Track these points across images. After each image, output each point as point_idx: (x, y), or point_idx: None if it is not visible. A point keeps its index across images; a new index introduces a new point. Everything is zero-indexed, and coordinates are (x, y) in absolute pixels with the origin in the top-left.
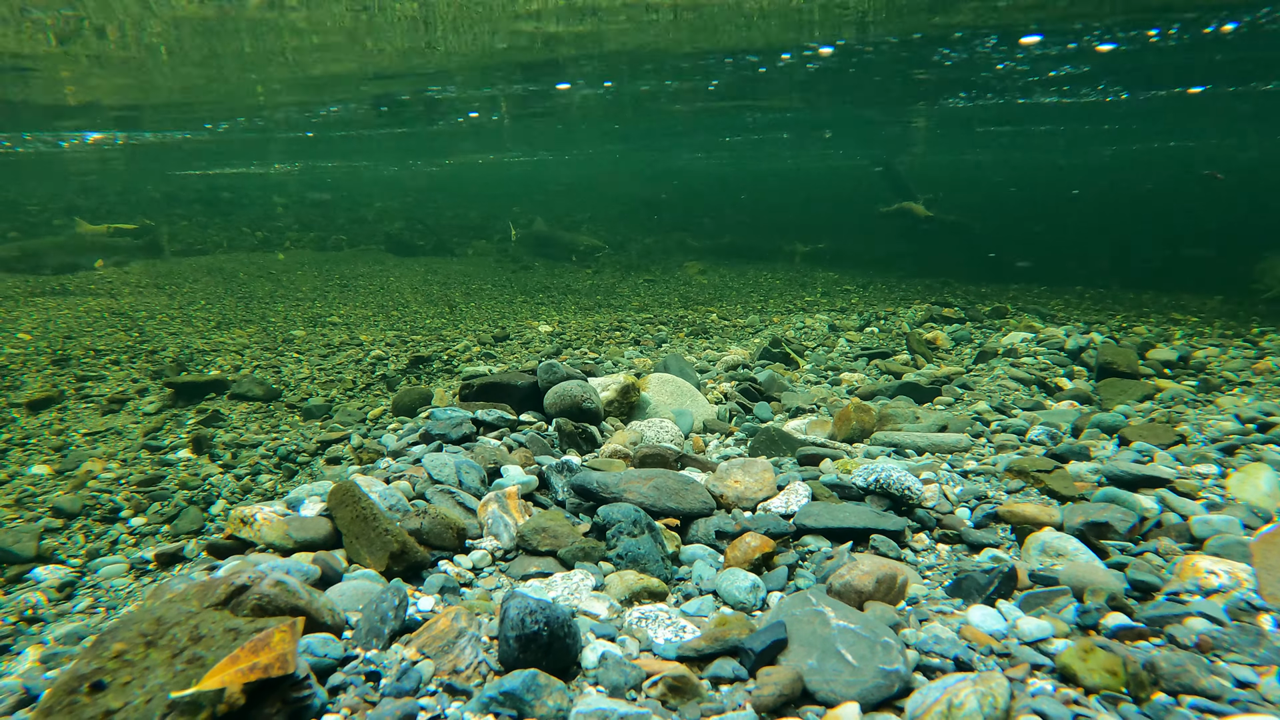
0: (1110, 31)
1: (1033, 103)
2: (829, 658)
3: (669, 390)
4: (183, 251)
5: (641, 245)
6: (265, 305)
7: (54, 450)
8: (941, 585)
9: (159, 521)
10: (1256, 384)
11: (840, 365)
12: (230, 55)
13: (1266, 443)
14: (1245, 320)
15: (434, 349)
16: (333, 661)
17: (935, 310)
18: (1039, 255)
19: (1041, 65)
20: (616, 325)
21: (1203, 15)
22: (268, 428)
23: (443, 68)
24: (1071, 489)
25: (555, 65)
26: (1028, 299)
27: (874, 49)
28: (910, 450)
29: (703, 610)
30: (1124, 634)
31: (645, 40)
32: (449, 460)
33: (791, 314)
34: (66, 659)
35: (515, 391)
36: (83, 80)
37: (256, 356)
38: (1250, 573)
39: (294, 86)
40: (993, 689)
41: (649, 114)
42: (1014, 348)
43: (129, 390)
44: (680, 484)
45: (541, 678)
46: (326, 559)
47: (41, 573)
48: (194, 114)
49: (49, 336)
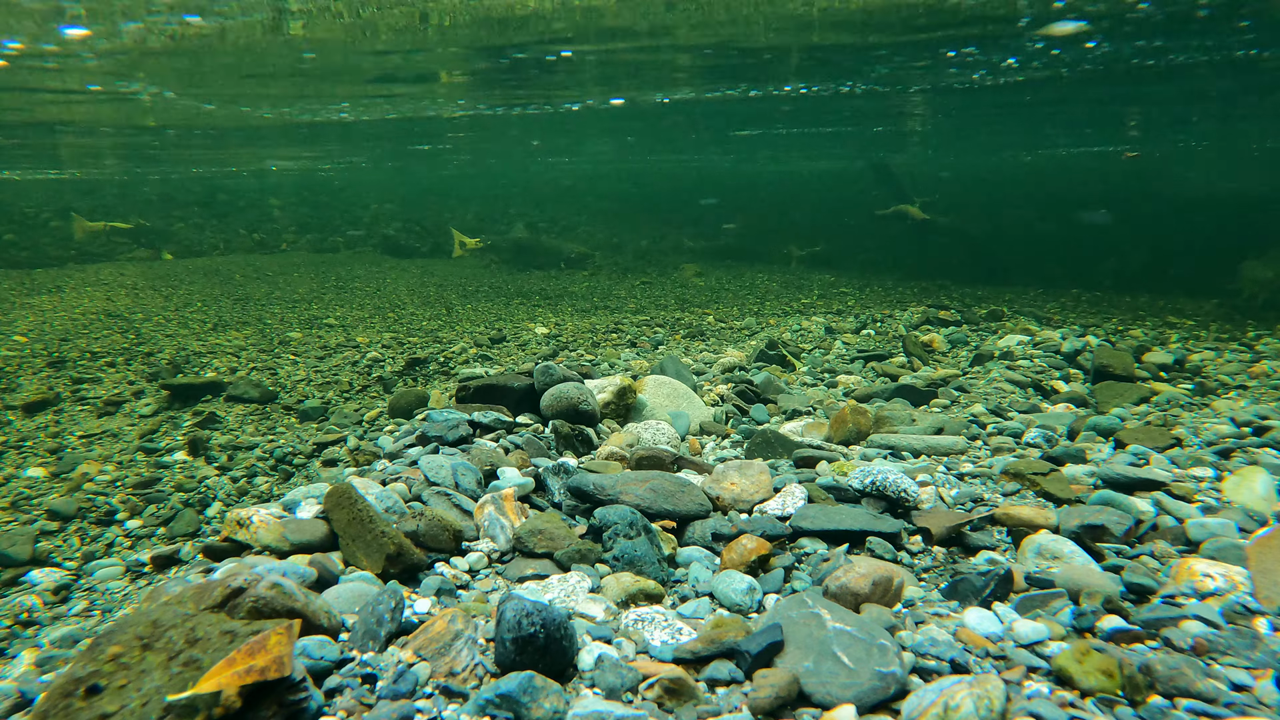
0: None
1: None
2: (825, 660)
3: (665, 392)
4: (190, 252)
5: (637, 247)
6: (262, 307)
7: (50, 453)
8: (937, 588)
9: (155, 524)
10: (1252, 388)
11: (837, 367)
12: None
13: (1262, 446)
14: (1241, 324)
15: (430, 351)
16: (329, 664)
17: (931, 313)
18: (1038, 257)
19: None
20: (613, 327)
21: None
22: (264, 430)
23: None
24: (1067, 492)
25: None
26: (1024, 302)
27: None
28: (906, 453)
29: (699, 612)
30: (1120, 637)
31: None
32: (445, 462)
33: (788, 316)
34: (62, 662)
35: (512, 393)
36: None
37: (253, 358)
38: (1246, 576)
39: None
40: (988, 691)
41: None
42: (1010, 350)
43: (125, 392)
44: (677, 486)
45: (538, 680)
46: (323, 561)
47: (37, 575)
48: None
49: (45, 339)
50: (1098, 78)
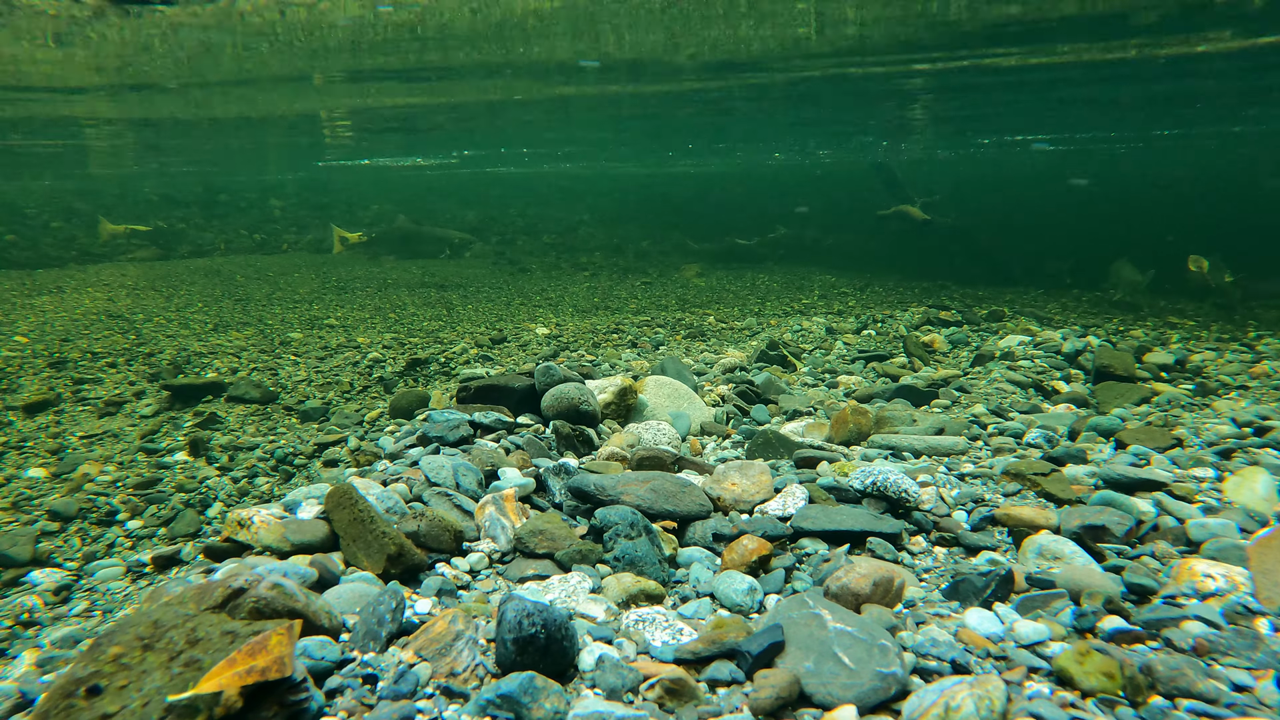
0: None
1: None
2: (826, 660)
3: (666, 393)
4: (194, 252)
5: (637, 248)
6: (262, 307)
7: (50, 453)
8: (938, 588)
9: (156, 524)
10: (1253, 388)
11: (837, 368)
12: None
13: (1263, 447)
14: (1242, 324)
15: (431, 351)
16: (330, 664)
17: (932, 313)
18: (1036, 258)
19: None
20: (614, 328)
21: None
22: (265, 430)
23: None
24: (1068, 492)
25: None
26: (1024, 302)
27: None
28: (907, 453)
29: (700, 613)
30: (1121, 637)
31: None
32: (446, 463)
33: (789, 317)
34: (63, 663)
35: (512, 394)
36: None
37: (254, 359)
38: (1247, 576)
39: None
40: (989, 692)
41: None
42: (1011, 351)
43: (126, 393)
44: (677, 486)
45: (539, 680)
46: (324, 561)
47: (38, 576)
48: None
49: (46, 339)
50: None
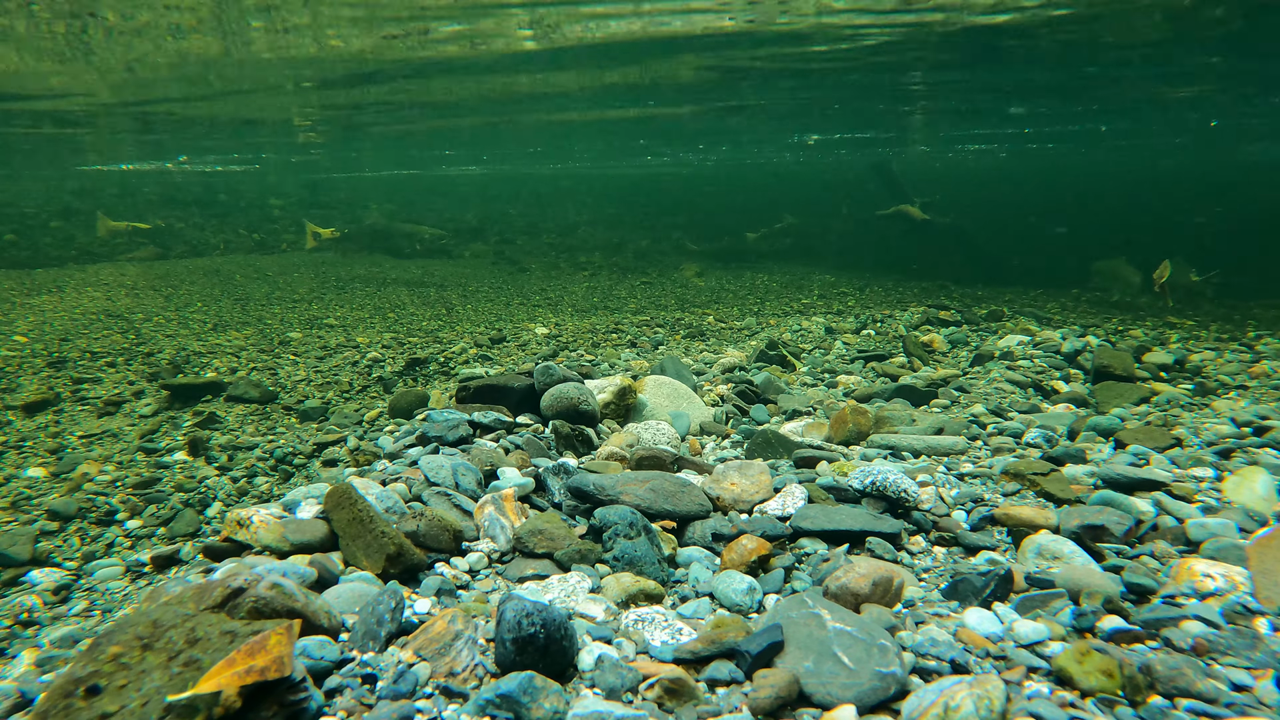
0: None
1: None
2: (825, 660)
3: (665, 392)
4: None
5: (637, 247)
6: (262, 307)
7: (50, 453)
8: (938, 588)
9: (155, 524)
10: (1252, 388)
11: (837, 368)
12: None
13: (1262, 446)
14: (1241, 324)
15: (430, 351)
16: (329, 664)
17: (932, 313)
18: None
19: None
20: (613, 327)
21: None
22: (264, 430)
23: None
24: (1067, 492)
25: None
26: (1024, 302)
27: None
28: (906, 453)
29: (699, 613)
30: (1120, 637)
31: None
32: (445, 463)
33: (788, 316)
34: (62, 662)
35: (512, 394)
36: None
37: (253, 359)
38: (1246, 576)
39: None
40: (989, 691)
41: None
42: (1010, 351)
43: (125, 393)
44: (677, 486)
45: (538, 680)
46: (323, 561)
47: (37, 576)
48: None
49: (45, 339)
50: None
